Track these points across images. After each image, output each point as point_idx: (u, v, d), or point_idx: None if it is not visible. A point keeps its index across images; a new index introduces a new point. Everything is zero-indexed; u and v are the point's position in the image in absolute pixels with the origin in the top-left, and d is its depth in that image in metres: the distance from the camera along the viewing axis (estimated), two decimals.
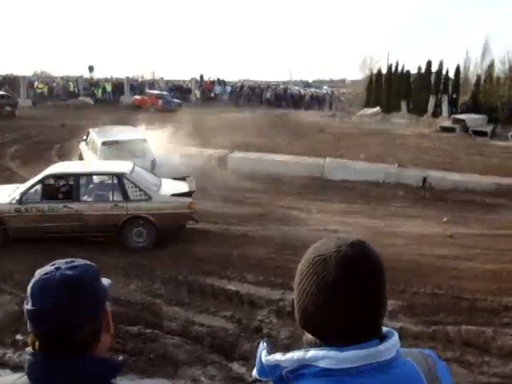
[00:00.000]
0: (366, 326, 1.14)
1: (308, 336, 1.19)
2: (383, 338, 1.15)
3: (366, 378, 1.09)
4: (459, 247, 9.49)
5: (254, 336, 5.87)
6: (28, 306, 1.27)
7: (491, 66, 32.18)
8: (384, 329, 1.18)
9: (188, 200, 8.92)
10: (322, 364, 1.10)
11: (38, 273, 1.31)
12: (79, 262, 1.35)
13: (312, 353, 1.11)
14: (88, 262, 1.37)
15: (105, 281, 1.42)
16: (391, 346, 1.13)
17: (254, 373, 1.22)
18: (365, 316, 1.13)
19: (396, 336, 1.17)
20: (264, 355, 1.19)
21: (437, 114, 32.37)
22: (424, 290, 7.30)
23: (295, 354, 1.13)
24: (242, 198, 12.51)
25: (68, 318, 1.25)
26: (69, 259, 1.35)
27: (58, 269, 1.30)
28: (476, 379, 5.21)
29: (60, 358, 1.26)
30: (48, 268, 1.31)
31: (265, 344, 1.23)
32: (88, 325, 1.29)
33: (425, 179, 14.76)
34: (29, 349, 1.30)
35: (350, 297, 1.11)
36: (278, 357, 1.16)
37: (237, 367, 5.34)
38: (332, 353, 1.10)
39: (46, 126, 23.78)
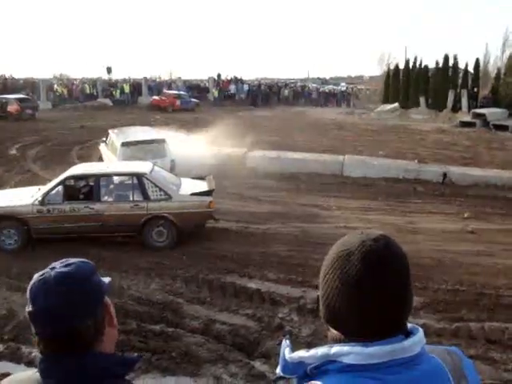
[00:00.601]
0: (391, 321, 1.13)
1: (333, 332, 1.19)
2: (408, 334, 1.15)
3: (392, 374, 1.08)
4: (481, 243, 9.39)
5: (276, 334, 5.88)
6: (28, 309, 1.28)
7: (511, 58, 31.64)
8: (409, 325, 1.18)
9: (208, 199, 8.96)
10: (347, 360, 1.10)
11: (35, 276, 1.32)
12: (74, 260, 1.36)
13: (336, 348, 1.12)
14: (84, 260, 1.38)
15: (105, 279, 1.42)
16: (416, 342, 1.13)
17: (278, 370, 1.23)
18: (389, 311, 1.13)
19: (421, 332, 1.16)
20: (288, 352, 1.19)
21: (456, 108, 31.96)
22: (446, 287, 7.25)
23: (319, 350, 1.14)
24: (262, 197, 12.51)
25: (64, 315, 1.25)
26: (64, 259, 1.36)
27: (52, 268, 1.31)
28: (500, 376, 5.15)
29: (65, 357, 1.26)
30: (44, 270, 1.32)
31: (288, 341, 1.23)
32: (87, 320, 1.28)
33: (445, 175, 14.61)
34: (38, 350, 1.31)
35: (373, 292, 1.11)
36: (301, 353, 1.16)
37: (258, 365, 5.36)
38: (356, 348, 1.10)
39: (66, 128, 24.07)
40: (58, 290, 1.25)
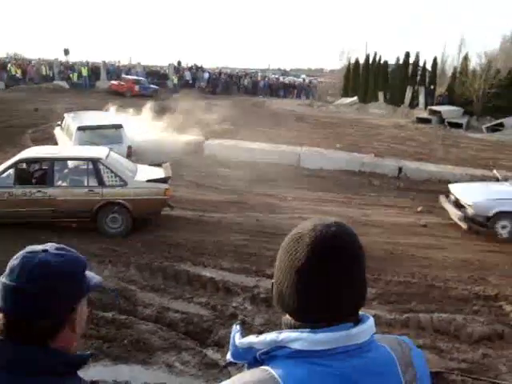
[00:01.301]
0: (338, 308, 1.12)
1: (286, 316, 1.18)
2: (358, 321, 1.14)
3: (338, 361, 1.08)
4: (432, 236, 9.65)
5: (229, 322, 5.87)
6: (2, 279, 1.24)
7: (466, 58, 32.51)
8: (360, 313, 1.17)
9: (164, 186, 8.86)
10: (295, 346, 1.09)
11: (26, 249, 1.28)
12: (70, 251, 1.31)
13: (284, 334, 1.11)
14: (78, 255, 1.33)
15: (95, 278, 1.38)
16: (365, 330, 1.13)
17: (228, 356, 1.22)
18: (335, 298, 1.12)
19: (371, 320, 1.16)
20: (238, 338, 1.19)
21: (413, 105, 32.68)
22: (397, 279, 7.41)
23: (268, 336, 1.13)
24: (218, 185, 12.48)
25: (26, 304, 1.21)
26: (63, 245, 1.31)
27: (44, 251, 1.26)
28: (446, 365, 5.31)
29: (18, 345, 1.22)
30: (37, 247, 1.28)
31: (238, 327, 1.23)
32: (46, 318, 1.24)
33: (400, 169, 14.93)
34: None
35: (318, 277, 1.10)
36: (251, 339, 1.15)
37: (211, 353, 5.34)
38: (305, 334, 1.09)
39: (20, 110, 23.27)
40: (33, 276, 1.21)
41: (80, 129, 12.09)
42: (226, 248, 8.23)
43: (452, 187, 10.80)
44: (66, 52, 43.62)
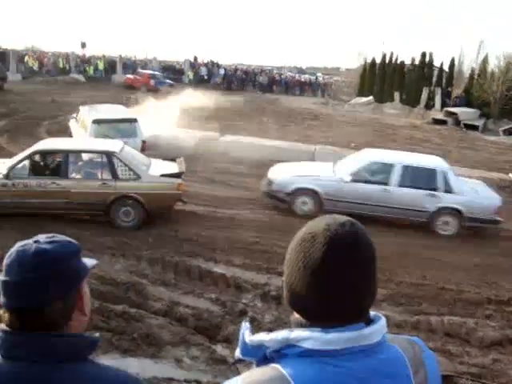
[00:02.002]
0: (351, 308, 1.12)
1: (295, 315, 1.18)
2: (370, 321, 1.14)
3: (349, 361, 1.08)
4: (445, 239, 9.57)
5: (239, 319, 5.86)
6: (1, 278, 1.25)
7: (485, 60, 32.18)
8: (372, 313, 1.17)
9: (177, 181, 8.87)
10: (306, 345, 1.09)
11: (17, 245, 1.29)
12: (60, 237, 1.32)
13: (296, 333, 1.11)
14: (69, 239, 1.34)
15: (89, 261, 1.40)
16: (377, 331, 1.13)
17: (237, 353, 1.22)
18: (350, 298, 1.12)
19: (383, 321, 1.15)
20: (248, 335, 1.18)
21: (429, 106, 32.44)
22: (409, 280, 7.37)
23: (279, 334, 1.12)
24: (231, 182, 12.48)
25: (34, 292, 1.23)
26: (51, 234, 1.32)
27: (36, 242, 1.28)
28: (456, 368, 5.27)
29: (32, 335, 1.24)
30: (27, 241, 1.29)
31: (247, 324, 1.22)
32: (56, 302, 1.26)
33: None
34: (1, 325, 1.27)
35: (334, 277, 1.10)
36: (261, 337, 1.15)
37: (220, 349, 5.35)
38: (316, 334, 1.09)
39: (36, 102, 23.47)
40: (34, 266, 1.23)
41: (95, 122, 12.14)
42: (238, 244, 8.23)
43: (272, 169, 10.98)
44: (83, 45, 43.94)
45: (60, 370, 1.23)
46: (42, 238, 1.30)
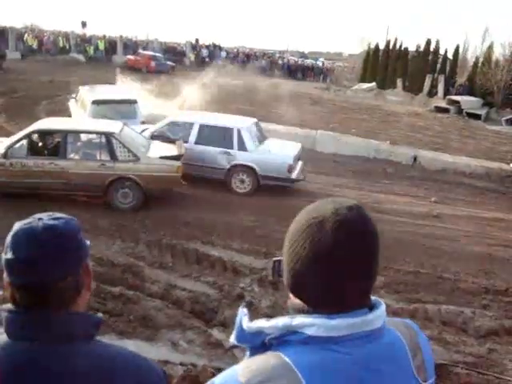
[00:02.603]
0: (359, 293, 1.11)
1: (295, 301, 1.15)
2: (371, 307, 1.13)
3: (353, 347, 1.07)
4: (444, 228, 9.55)
5: (236, 303, 5.86)
6: (9, 256, 1.21)
7: (490, 48, 31.95)
8: (372, 298, 1.16)
9: (176, 164, 8.82)
10: (309, 331, 1.07)
11: (19, 224, 1.26)
12: (60, 215, 1.31)
13: (299, 319, 1.08)
14: (69, 216, 1.33)
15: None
16: (379, 316, 1.12)
17: (232, 339, 1.19)
18: (359, 283, 1.10)
19: (383, 306, 1.14)
20: (246, 322, 1.15)
21: (432, 93, 32.26)
22: (407, 268, 7.35)
23: (279, 321, 1.10)
24: None
25: (52, 268, 1.22)
26: (50, 212, 1.31)
27: (40, 219, 1.26)
28: (451, 357, 5.27)
29: (43, 313, 1.22)
30: (29, 219, 1.27)
31: (245, 310, 1.19)
32: (70, 277, 1.25)
33: (415, 158, 14.77)
34: (7, 305, 1.24)
35: (345, 262, 1.07)
36: (261, 323, 1.12)
37: (216, 333, 5.34)
38: (320, 320, 1.07)
39: (35, 81, 23.28)
40: (45, 241, 1.21)
41: (95, 102, 12.05)
42: (237, 229, 8.20)
43: None
44: (84, 24, 43.62)
45: (73, 349, 1.22)
46: (43, 215, 1.29)
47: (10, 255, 1.21)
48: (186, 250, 7.20)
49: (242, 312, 1.19)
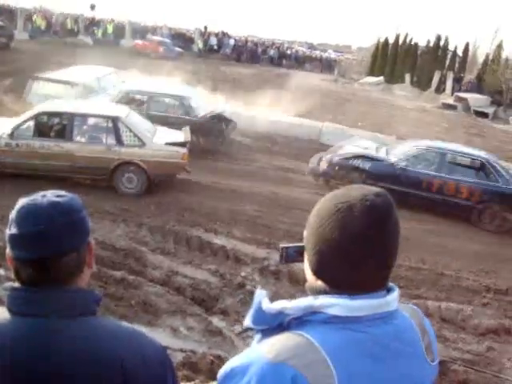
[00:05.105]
0: (380, 277, 1.17)
1: (315, 282, 1.18)
2: (388, 289, 1.19)
3: (372, 327, 1.12)
4: (447, 224, 9.52)
5: (237, 291, 5.88)
6: (14, 231, 1.23)
7: (500, 46, 31.70)
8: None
9: (182, 150, 8.81)
10: (332, 311, 1.11)
11: (23, 200, 1.27)
12: (64, 192, 1.33)
13: (322, 300, 1.12)
14: (74, 194, 1.35)
15: None
16: (395, 298, 1.18)
17: (247, 321, 1.21)
18: (382, 266, 1.16)
19: (397, 289, 1.21)
20: (266, 302, 1.18)
21: (440, 89, 32.07)
22: (408, 264, 7.34)
23: (301, 302, 1.14)
24: (235, 154, 12.40)
25: (59, 242, 1.23)
26: (53, 190, 1.33)
27: (44, 196, 1.28)
28: (450, 354, 5.29)
29: (48, 289, 1.23)
30: (33, 196, 1.28)
31: (264, 292, 1.22)
32: (74, 254, 1.27)
33: None
34: (10, 283, 1.26)
35: (374, 246, 1.12)
36: (283, 304, 1.15)
37: (216, 321, 5.36)
38: (343, 300, 1.11)
39: (43, 62, 23.19)
40: (50, 216, 1.23)
41: None
42: (240, 217, 8.20)
43: None
44: (92, 7, 43.28)
45: (76, 324, 1.23)
46: (47, 193, 1.31)
47: (15, 230, 1.23)
48: (188, 236, 7.21)
49: (261, 293, 1.21)
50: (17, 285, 1.25)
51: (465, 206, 9.70)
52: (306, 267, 1.22)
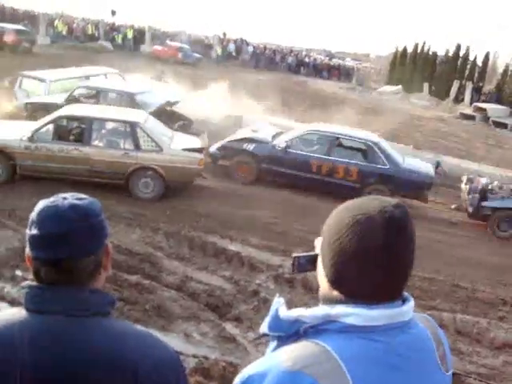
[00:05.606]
0: (397, 287, 1.17)
1: (330, 292, 1.18)
2: (403, 299, 1.19)
3: (388, 337, 1.12)
4: (463, 236, 9.45)
5: (251, 299, 5.88)
6: (34, 232, 1.26)
7: None
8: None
9: (199, 156, 8.86)
10: (348, 320, 1.11)
11: (44, 202, 1.31)
12: (83, 195, 1.36)
13: (338, 309, 1.13)
14: (91, 197, 1.38)
15: None
16: (411, 308, 1.18)
17: (263, 328, 1.22)
18: (400, 277, 1.16)
19: (412, 299, 1.21)
20: (283, 310, 1.19)
21: (459, 99, 31.83)
22: (422, 274, 7.25)
23: (318, 310, 1.14)
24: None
25: (79, 244, 1.27)
26: (72, 193, 1.36)
27: (65, 198, 1.31)
28: (465, 367, 5.22)
29: (66, 289, 1.27)
30: (53, 198, 1.31)
31: (282, 299, 1.23)
32: (93, 256, 1.30)
33: (438, 164, 14.56)
34: (28, 282, 1.29)
35: (393, 257, 1.12)
36: (300, 312, 1.16)
37: (230, 327, 5.36)
38: (360, 310, 1.11)
39: (64, 66, 23.46)
40: (71, 218, 1.26)
41: None
42: (255, 224, 8.21)
43: None
44: (113, 13, 43.81)
45: (90, 323, 1.26)
46: (67, 195, 1.33)
47: (36, 231, 1.26)
48: (204, 242, 7.23)
49: (279, 301, 1.22)
50: (35, 283, 1.28)
51: (346, 187, 10.00)
52: (321, 276, 1.22)
